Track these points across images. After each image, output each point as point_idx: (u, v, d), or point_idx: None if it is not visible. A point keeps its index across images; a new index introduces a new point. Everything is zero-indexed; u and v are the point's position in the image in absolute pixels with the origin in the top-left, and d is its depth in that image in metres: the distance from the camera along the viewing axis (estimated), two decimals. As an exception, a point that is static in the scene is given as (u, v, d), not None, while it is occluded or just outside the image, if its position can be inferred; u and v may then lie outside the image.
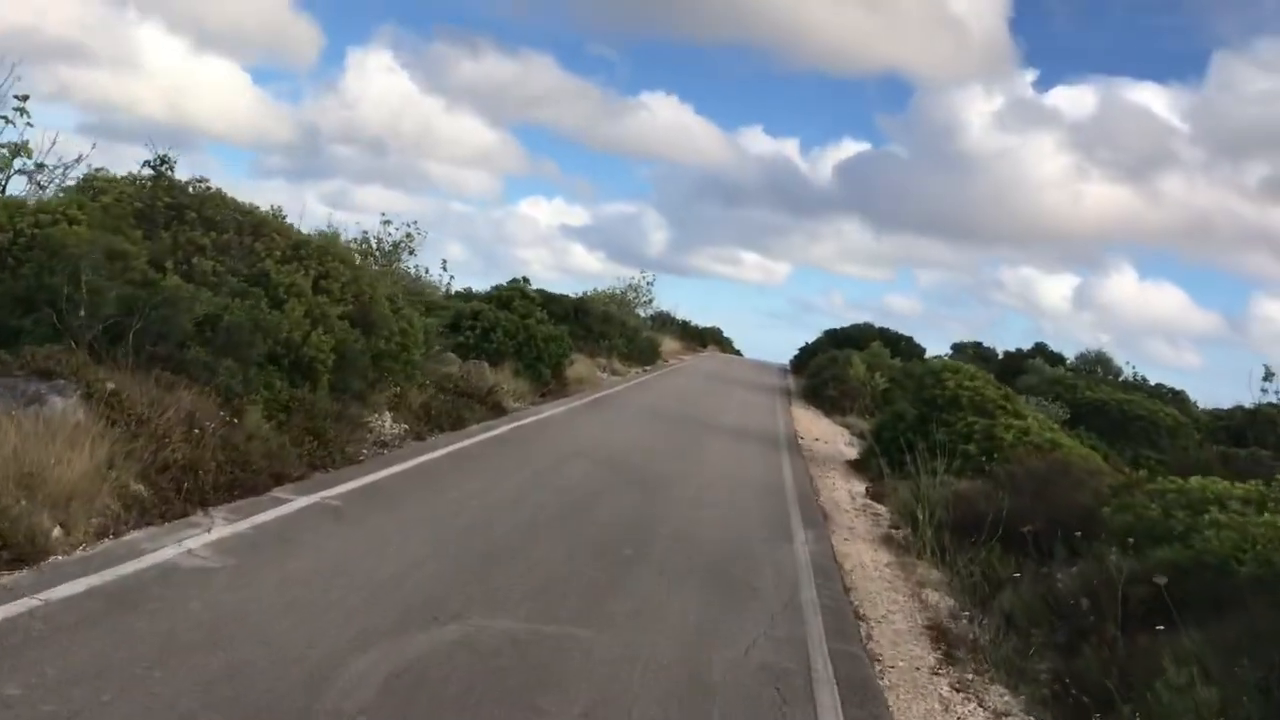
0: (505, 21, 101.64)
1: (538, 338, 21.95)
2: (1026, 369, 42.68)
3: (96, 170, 11.70)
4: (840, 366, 35.78)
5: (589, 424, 17.70)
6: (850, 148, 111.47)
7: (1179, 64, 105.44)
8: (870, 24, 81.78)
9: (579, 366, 27.10)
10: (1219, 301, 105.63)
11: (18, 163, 12.17)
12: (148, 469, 7.52)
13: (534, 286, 38.62)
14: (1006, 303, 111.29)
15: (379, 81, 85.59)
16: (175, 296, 9.05)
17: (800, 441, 21.78)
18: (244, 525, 7.39)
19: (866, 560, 10.60)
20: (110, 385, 7.71)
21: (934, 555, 10.92)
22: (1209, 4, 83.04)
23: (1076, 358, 49.30)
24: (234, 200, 12.11)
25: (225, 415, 8.63)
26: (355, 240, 29.53)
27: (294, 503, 8.34)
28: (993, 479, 13.26)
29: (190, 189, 11.56)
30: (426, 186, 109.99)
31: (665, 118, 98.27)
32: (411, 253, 29.76)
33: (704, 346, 67.24)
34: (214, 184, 12.13)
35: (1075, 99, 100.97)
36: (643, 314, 55.92)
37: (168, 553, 6.48)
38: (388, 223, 30.06)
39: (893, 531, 12.38)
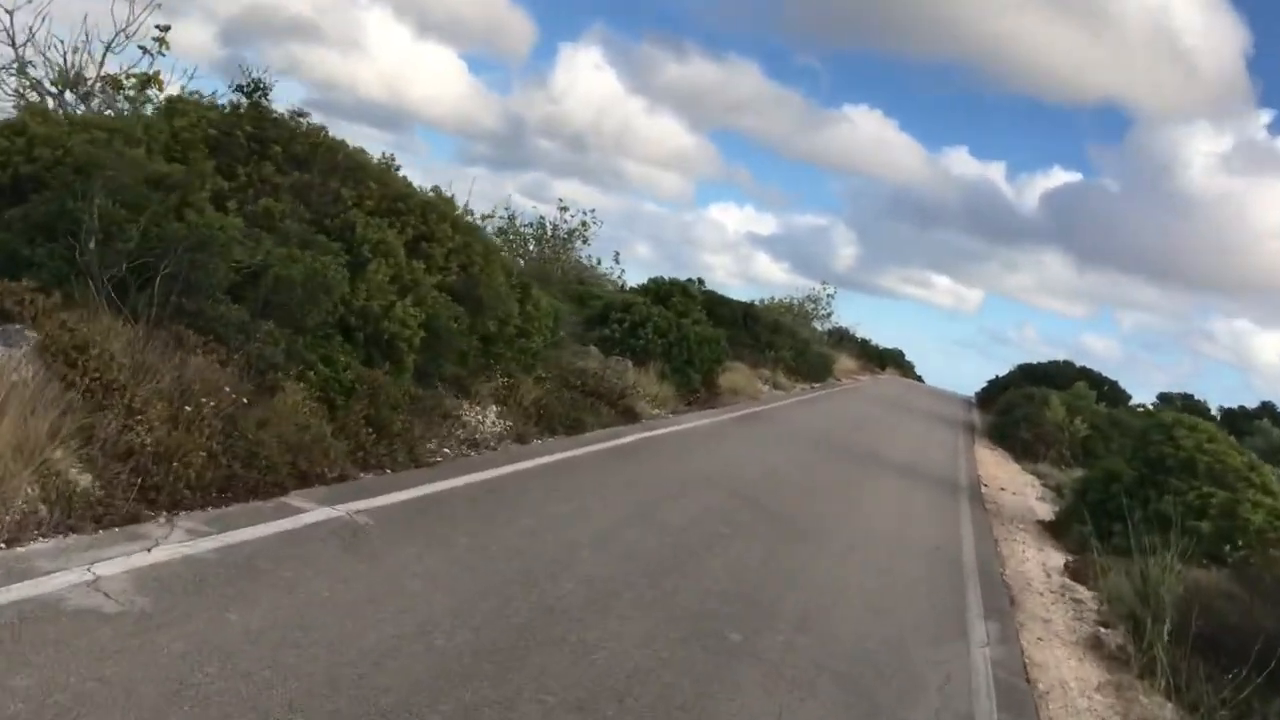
0: (714, 27, 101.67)
1: (691, 339, 19.69)
2: (1250, 430, 37.32)
3: (190, 93, 10.25)
4: (1036, 406, 31.81)
5: (731, 443, 15.28)
6: (1059, 177, 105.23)
7: None
8: (1091, 50, 76.56)
9: (736, 375, 24.70)
10: None
11: (151, 93, 11.01)
12: (103, 452, 5.70)
13: (710, 289, 36.84)
14: (1216, 355, 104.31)
15: (586, 78, 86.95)
16: (208, 237, 7.26)
17: (984, 490, 18.62)
18: (207, 544, 5.45)
19: (1069, 678, 7.77)
20: (72, 336, 5.93)
21: (1166, 680, 7.98)
22: None
23: (1313, 422, 43.05)
24: (333, 139, 10.40)
25: (239, 392, 6.75)
26: (531, 224, 28.51)
27: (305, 515, 6.38)
28: (1243, 576, 10.09)
29: (280, 122, 9.89)
30: (622, 184, 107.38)
31: (866, 131, 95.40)
32: (585, 241, 28.42)
33: (883, 368, 63.32)
34: (315, 120, 10.48)
35: None
36: (819, 328, 53.00)
37: (60, 580, 4.57)
38: (564, 209, 28.67)
39: (1102, 631, 9.41)
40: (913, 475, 17.44)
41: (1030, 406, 32.54)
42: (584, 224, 28.06)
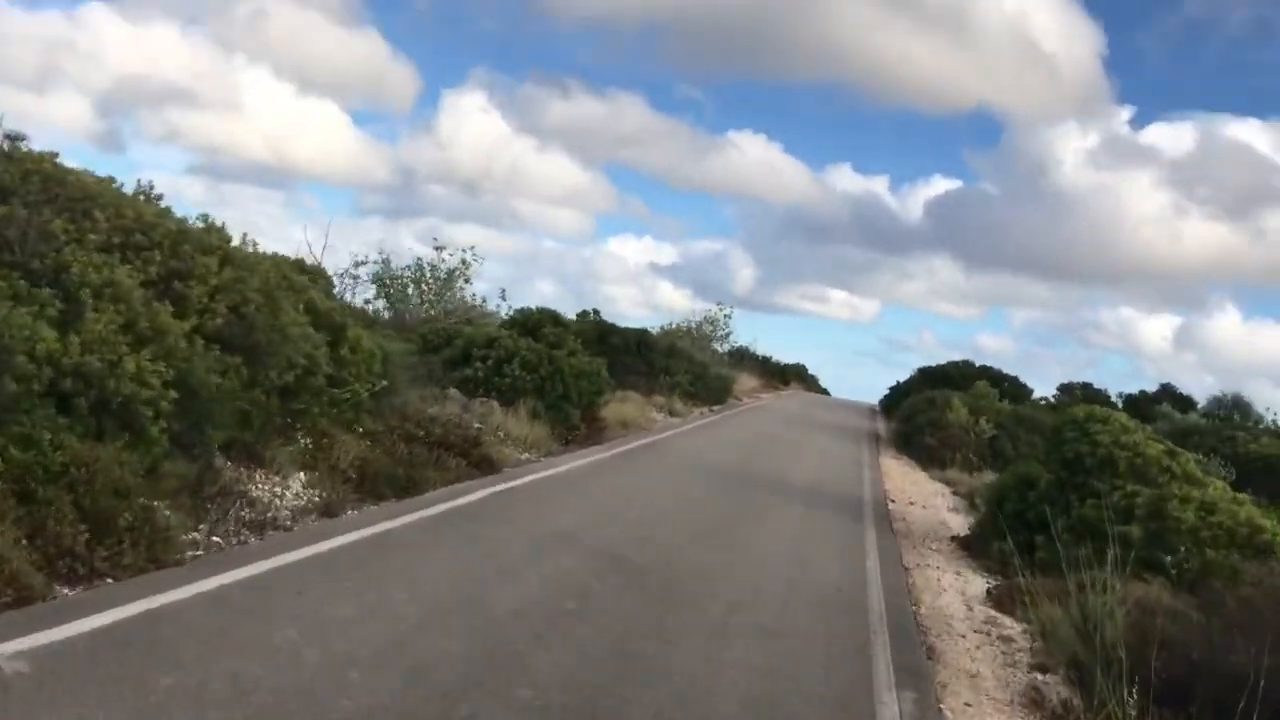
0: (594, 64, 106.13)
1: (565, 372, 17.87)
2: (1154, 415, 37.19)
3: None
4: (938, 409, 30.83)
5: (608, 486, 13.46)
6: (941, 185, 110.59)
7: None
8: (959, 61, 79.38)
9: (626, 407, 22.98)
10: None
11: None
12: None
13: (602, 319, 35.12)
14: (1105, 343, 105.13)
15: (472, 122, 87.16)
16: None
17: (891, 506, 17.18)
18: None
19: (1008, 759, 6.12)
20: None
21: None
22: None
23: (1209, 402, 43.28)
24: (57, 166, 8.31)
25: None
26: (408, 267, 26.39)
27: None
28: (1203, 600, 8.65)
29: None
30: (519, 224, 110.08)
31: (753, 156, 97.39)
32: (468, 280, 26.44)
33: (785, 384, 62.50)
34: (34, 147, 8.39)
35: (1173, 136, 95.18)
36: (719, 349, 51.78)
37: None
38: (441, 248, 26.59)
39: (1040, 679, 7.82)
40: (814, 500, 15.87)
41: (932, 410, 31.56)
42: (464, 262, 26.20)
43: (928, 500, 19.40)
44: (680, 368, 34.19)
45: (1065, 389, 52.75)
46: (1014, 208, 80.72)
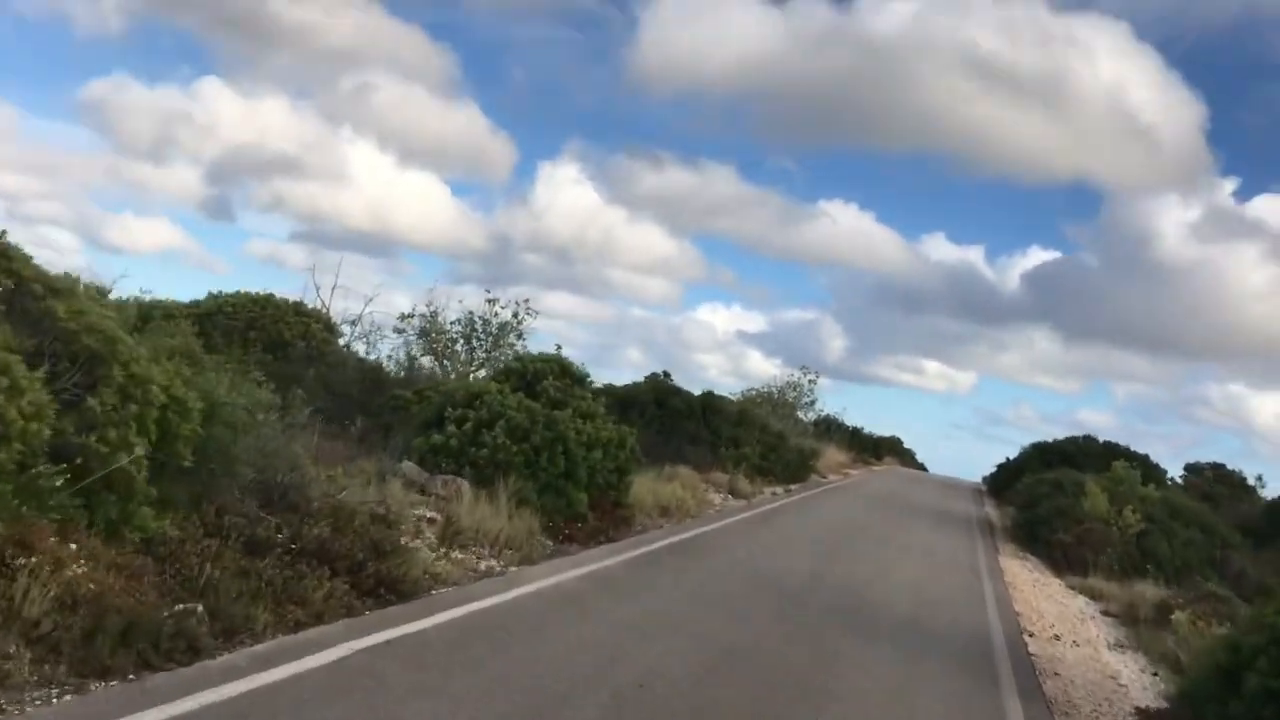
0: (685, 135, 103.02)
1: (569, 441, 13.07)
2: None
3: None
4: (1068, 496, 25.01)
5: (586, 630, 8.48)
6: (1037, 255, 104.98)
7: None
8: (1055, 134, 77.65)
9: (670, 486, 18.04)
10: None
11: None
12: None
13: (665, 379, 30.35)
14: (1213, 420, 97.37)
15: (566, 193, 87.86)
16: None
17: (1029, 644, 11.81)
18: None
19: None
20: None
21: None
22: None
23: None
24: None
25: None
26: (457, 320, 22.37)
27: None
28: None
29: None
30: (609, 292, 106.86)
31: (845, 225, 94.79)
32: (520, 336, 22.67)
33: (878, 459, 56.49)
34: None
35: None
36: (803, 417, 46.41)
37: None
38: (493, 301, 22.87)
39: None
40: (918, 639, 10.64)
41: (1061, 497, 25.68)
42: (516, 316, 22.45)
43: (1075, 629, 13.87)
44: (752, 437, 29.09)
45: (1193, 469, 45.90)
46: (1114, 279, 78.76)
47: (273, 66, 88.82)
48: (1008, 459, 46.68)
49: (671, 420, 27.66)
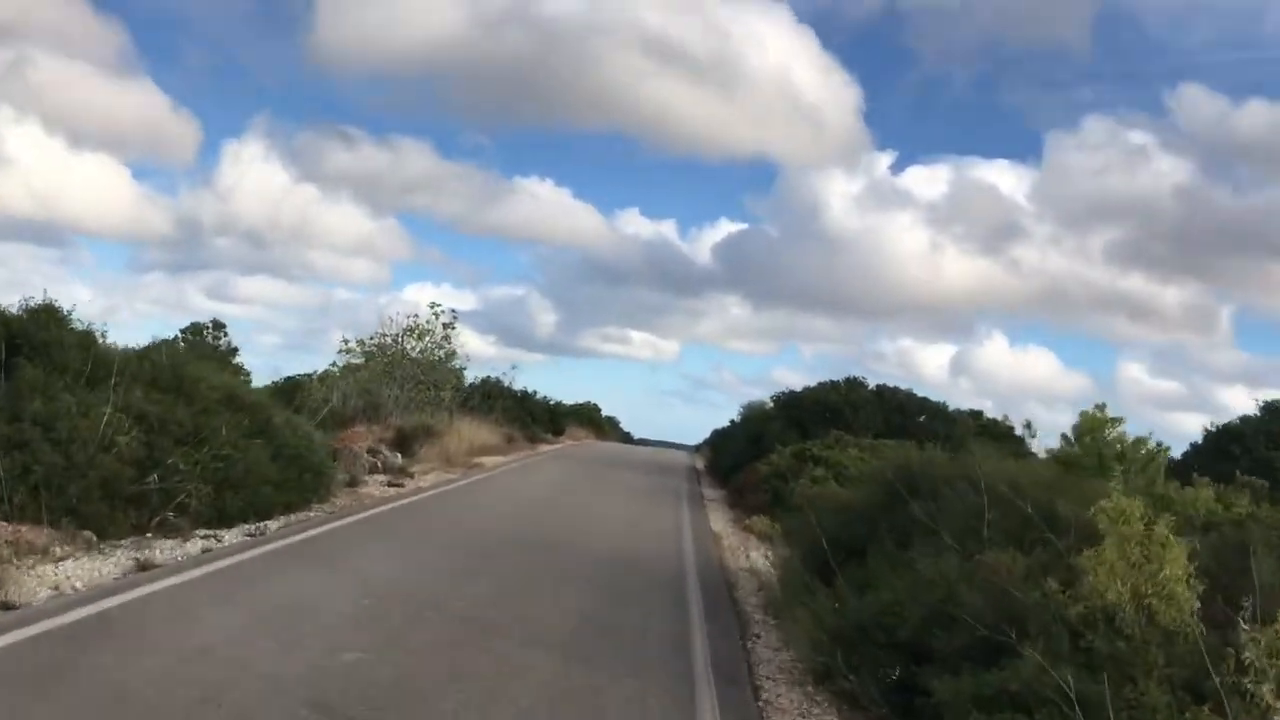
0: (381, 114, 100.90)
1: None
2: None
3: None
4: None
5: None
6: (726, 228, 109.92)
7: (1018, 143, 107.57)
8: (732, 113, 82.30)
9: None
10: (1085, 363, 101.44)
11: None
12: None
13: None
14: (891, 372, 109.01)
15: (254, 172, 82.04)
16: None
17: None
18: None
19: None
20: None
21: None
22: (1036, 86, 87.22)
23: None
24: None
25: None
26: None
27: None
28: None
29: None
30: (312, 275, 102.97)
31: (545, 201, 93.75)
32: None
33: (558, 435, 44.53)
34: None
35: (929, 178, 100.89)
36: (442, 394, 31.07)
37: None
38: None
39: None
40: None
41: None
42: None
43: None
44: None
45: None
46: (793, 248, 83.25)
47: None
48: (732, 421, 36.69)
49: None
